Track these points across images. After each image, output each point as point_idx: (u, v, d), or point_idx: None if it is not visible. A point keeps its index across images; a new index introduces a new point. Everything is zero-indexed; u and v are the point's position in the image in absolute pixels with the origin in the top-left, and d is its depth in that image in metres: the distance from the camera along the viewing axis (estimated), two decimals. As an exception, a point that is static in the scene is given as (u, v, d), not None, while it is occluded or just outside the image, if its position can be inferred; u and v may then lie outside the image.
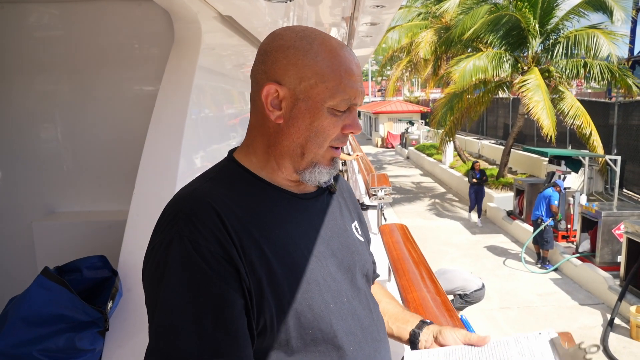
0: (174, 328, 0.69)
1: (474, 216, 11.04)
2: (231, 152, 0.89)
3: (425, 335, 0.96)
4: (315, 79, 0.78)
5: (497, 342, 0.88)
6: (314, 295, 0.78)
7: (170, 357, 0.68)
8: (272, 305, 0.74)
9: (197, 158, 1.93)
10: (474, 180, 10.78)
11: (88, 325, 1.28)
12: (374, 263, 1.01)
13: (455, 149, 16.43)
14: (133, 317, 1.45)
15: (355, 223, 0.96)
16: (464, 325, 0.91)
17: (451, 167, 15.70)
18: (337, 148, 0.84)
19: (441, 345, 0.93)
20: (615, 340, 5.77)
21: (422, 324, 1.00)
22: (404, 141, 23.74)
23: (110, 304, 1.35)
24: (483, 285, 5.11)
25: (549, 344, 0.85)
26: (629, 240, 6.56)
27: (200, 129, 2.05)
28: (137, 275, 1.50)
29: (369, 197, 2.80)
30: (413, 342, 0.98)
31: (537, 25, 11.13)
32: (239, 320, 0.71)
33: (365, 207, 2.65)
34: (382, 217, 2.97)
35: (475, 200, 10.87)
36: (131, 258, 1.51)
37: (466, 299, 5.23)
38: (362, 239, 0.95)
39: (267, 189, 0.83)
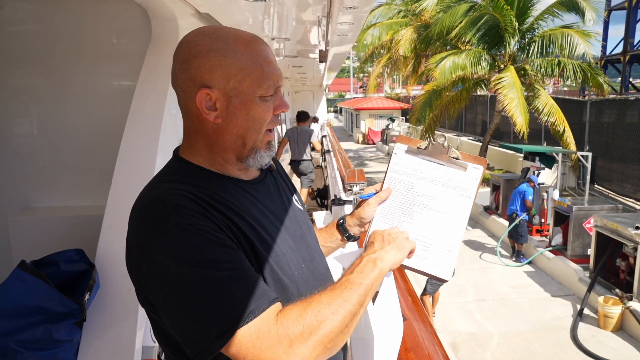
0: (223, 292, 0.74)
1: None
2: (176, 152, 0.95)
3: (349, 220, 1.11)
4: (241, 74, 0.85)
5: (398, 188, 1.03)
6: (283, 266, 0.87)
7: (235, 315, 0.72)
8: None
9: (174, 153, 1.95)
10: None
11: (65, 317, 1.31)
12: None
13: (435, 145, 16.63)
14: (110, 308, 1.48)
15: (295, 195, 1.08)
16: (367, 197, 1.07)
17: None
18: (270, 131, 0.92)
19: (364, 217, 1.06)
20: (584, 330, 6.01)
21: (340, 219, 1.14)
22: (384, 137, 23.94)
23: (87, 296, 1.38)
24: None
25: (409, 155, 1.03)
26: (598, 234, 6.82)
27: (179, 124, 2.07)
28: (115, 268, 1.53)
29: (345, 192, 2.88)
30: (344, 229, 1.12)
31: (516, 24, 11.37)
32: (252, 268, 0.80)
33: (342, 202, 2.71)
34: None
35: None
36: (108, 251, 1.54)
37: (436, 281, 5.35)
38: (300, 207, 1.07)
39: (222, 180, 0.90)
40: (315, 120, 10.84)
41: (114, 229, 1.56)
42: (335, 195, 3.34)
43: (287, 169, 7.72)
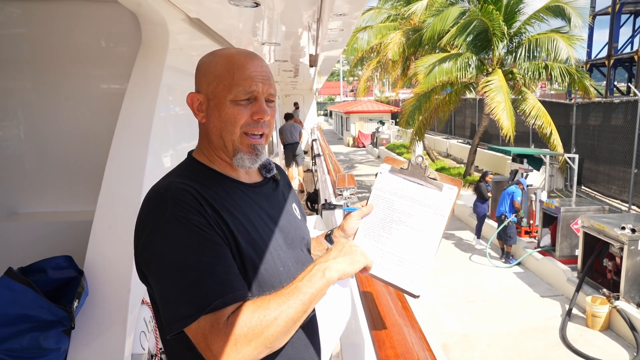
0: (196, 282, 0.85)
1: (482, 243, 9.34)
2: (190, 153, 1.09)
3: (336, 232, 1.20)
4: (216, 81, 1.01)
5: (380, 205, 1.10)
6: (268, 261, 0.98)
7: (200, 304, 0.83)
8: (240, 271, 0.92)
9: (164, 158, 1.94)
10: (489, 194, 9.23)
11: (53, 325, 1.29)
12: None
13: (425, 148, 16.77)
14: (99, 316, 1.46)
15: (294, 204, 1.19)
16: (351, 211, 1.16)
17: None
18: (254, 135, 1.02)
19: (347, 229, 1.15)
20: (573, 329, 6.08)
21: (329, 231, 1.24)
22: (374, 141, 24.03)
23: (76, 303, 1.36)
24: None
25: (392, 175, 1.10)
26: (585, 234, 6.91)
27: (169, 128, 2.06)
28: (104, 274, 1.52)
29: (335, 196, 2.88)
30: (330, 240, 1.21)
31: (505, 28, 11.51)
32: (234, 265, 0.91)
33: (332, 207, 2.71)
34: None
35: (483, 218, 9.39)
36: (97, 257, 1.52)
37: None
38: (300, 217, 1.18)
39: (224, 180, 1.03)
40: (296, 106, 11.92)
41: (104, 235, 1.54)
42: (325, 200, 3.34)
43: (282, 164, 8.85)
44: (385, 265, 1.05)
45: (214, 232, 0.90)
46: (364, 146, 26.10)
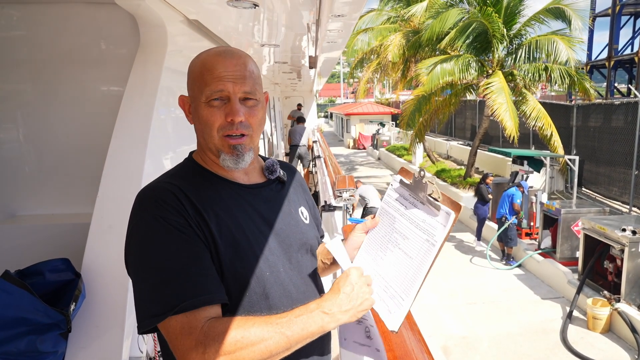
0: (167, 282, 0.85)
1: (482, 245, 9.30)
2: (190, 153, 1.10)
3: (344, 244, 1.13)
4: (192, 83, 1.02)
5: (384, 220, 1.04)
6: (251, 265, 0.95)
7: (168, 303, 0.82)
8: (218, 271, 0.91)
9: (162, 160, 1.94)
10: (490, 196, 9.16)
11: (50, 328, 1.28)
12: (322, 236, 1.22)
13: (425, 149, 16.77)
14: (97, 319, 1.46)
15: (302, 208, 1.14)
16: (355, 222, 1.09)
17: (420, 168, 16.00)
18: (233, 136, 0.99)
19: (351, 243, 1.10)
20: (574, 332, 6.06)
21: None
22: (375, 142, 24.03)
23: (73, 306, 1.36)
24: None
25: (402, 188, 1.03)
26: (586, 236, 6.90)
27: (167, 130, 2.05)
28: (101, 277, 1.51)
29: (335, 198, 2.87)
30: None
31: (504, 30, 11.51)
32: (211, 267, 0.90)
33: (332, 208, 2.70)
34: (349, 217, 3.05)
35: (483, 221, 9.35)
36: (95, 260, 1.51)
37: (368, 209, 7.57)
38: (307, 221, 1.13)
39: (216, 181, 1.02)
40: (299, 107, 12.28)
41: (101, 238, 1.54)
42: (325, 202, 3.34)
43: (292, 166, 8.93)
44: (374, 287, 0.97)
45: (193, 233, 0.90)
46: (364, 148, 26.10)
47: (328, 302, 0.89)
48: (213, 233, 0.92)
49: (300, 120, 10.24)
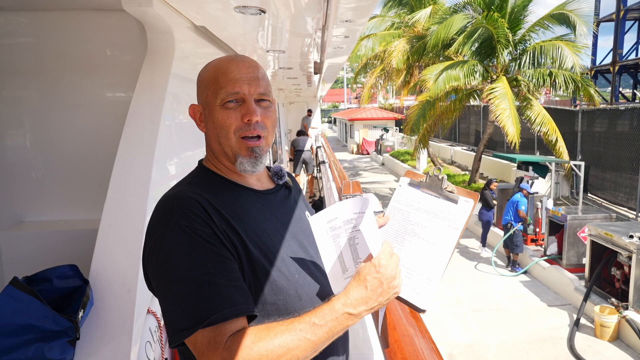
0: (196, 294, 0.83)
1: (487, 250, 9.21)
2: (200, 161, 1.09)
3: None
4: (205, 88, 1.03)
5: (396, 217, 1.08)
6: (282, 268, 0.95)
7: (198, 316, 0.81)
8: (250, 278, 0.91)
9: (170, 166, 1.94)
10: (495, 202, 9.10)
11: (58, 335, 1.28)
12: None
13: (429, 155, 16.74)
14: (104, 326, 1.45)
15: (307, 212, 1.16)
16: None
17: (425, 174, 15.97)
18: (250, 138, 1.00)
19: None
20: (581, 339, 5.99)
21: None
22: (379, 148, 24.03)
23: (81, 313, 1.35)
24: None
25: (411, 187, 1.10)
26: (593, 243, 6.84)
27: (174, 136, 2.05)
28: (109, 284, 1.50)
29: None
30: None
31: (510, 35, 11.52)
32: (239, 278, 0.88)
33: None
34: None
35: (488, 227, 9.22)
36: (103, 266, 1.51)
37: None
38: None
39: (234, 187, 1.02)
40: (309, 113, 12.78)
41: (109, 244, 1.53)
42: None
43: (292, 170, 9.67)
44: None
45: (220, 243, 0.88)
46: (368, 153, 26.10)
47: (353, 300, 0.85)
48: (243, 238, 0.92)
49: (301, 133, 10.93)
